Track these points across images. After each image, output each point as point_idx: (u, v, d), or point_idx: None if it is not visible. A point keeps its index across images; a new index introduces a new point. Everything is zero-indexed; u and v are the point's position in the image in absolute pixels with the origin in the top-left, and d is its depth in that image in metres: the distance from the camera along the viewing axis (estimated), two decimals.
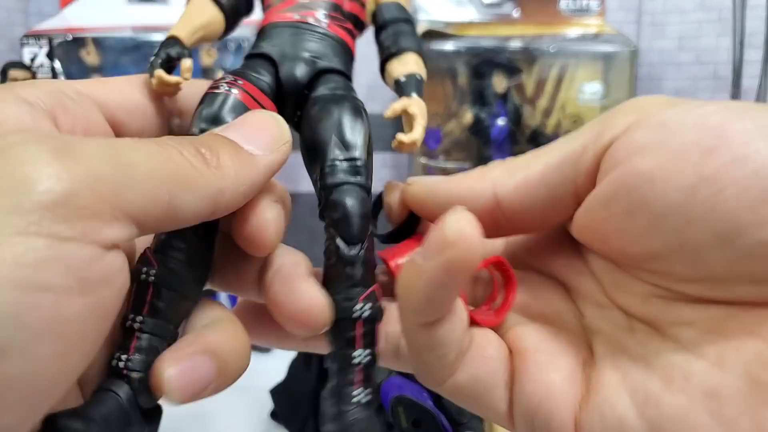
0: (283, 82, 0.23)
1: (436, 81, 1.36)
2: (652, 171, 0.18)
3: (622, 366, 0.20)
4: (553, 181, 0.20)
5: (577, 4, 1.41)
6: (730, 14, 1.41)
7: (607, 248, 0.21)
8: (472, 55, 1.33)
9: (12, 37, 1.30)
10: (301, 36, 0.23)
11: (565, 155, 0.20)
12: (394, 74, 0.25)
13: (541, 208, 0.21)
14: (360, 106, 0.24)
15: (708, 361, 0.18)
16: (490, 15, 1.40)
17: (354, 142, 0.22)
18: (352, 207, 0.21)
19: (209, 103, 0.21)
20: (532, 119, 1.34)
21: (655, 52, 1.44)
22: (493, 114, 1.32)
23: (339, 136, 0.22)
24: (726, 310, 0.18)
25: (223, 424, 0.88)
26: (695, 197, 0.17)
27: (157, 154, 0.17)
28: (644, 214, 0.18)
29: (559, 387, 0.20)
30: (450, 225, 0.17)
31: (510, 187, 0.21)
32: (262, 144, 0.20)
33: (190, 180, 0.17)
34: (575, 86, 1.36)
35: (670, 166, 0.17)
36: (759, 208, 0.16)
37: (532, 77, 1.37)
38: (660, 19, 1.43)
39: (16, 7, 1.34)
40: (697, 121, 0.18)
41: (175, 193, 0.17)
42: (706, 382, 0.18)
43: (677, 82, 1.43)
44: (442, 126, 1.33)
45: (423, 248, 0.18)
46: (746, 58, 1.39)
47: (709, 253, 0.17)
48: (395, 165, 1.42)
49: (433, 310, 0.19)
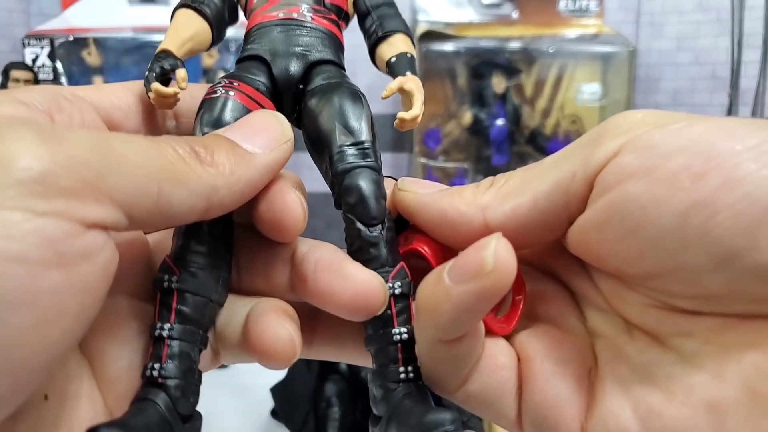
0: (277, 79, 0.24)
1: (436, 82, 1.36)
2: (644, 197, 0.18)
3: (623, 376, 0.20)
4: (545, 209, 0.20)
5: (576, 5, 1.41)
6: (728, 15, 1.41)
7: (602, 266, 0.21)
8: (472, 56, 1.33)
9: (14, 37, 1.30)
10: (289, 32, 0.24)
11: (554, 182, 0.20)
12: (385, 57, 0.25)
13: (532, 232, 0.21)
14: (357, 91, 0.23)
15: (708, 373, 0.18)
16: (490, 16, 1.40)
17: (358, 126, 0.22)
18: (366, 189, 0.21)
19: (209, 108, 0.22)
20: (531, 119, 1.35)
21: (653, 53, 1.44)
22: (492, 114, 1.33)
23: (342, 122, 0.22)
24: (725, 320, 0.18)
25: (224, 422, 0.88)
26: (689, 222, 0.17)
27: (148, 148, 0.17)
28: (638, 238, 0.18)
29: (566, 397, 0.21)
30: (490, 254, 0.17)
31: (500, 215, 0.21)
32: (261, 143, 0.20)
33: (181, 175, 0.17)
34: (574, 86, 1.37)
35: (662, 192, 0.17)
36: (753, 231, 0.16)
37: (531, 78, 1.37)
38: (659, 20, 1.44)
39: (18, 7, 1.34)
40: (686, 144, 0.18)
41: (166, 188, 0.17)
42: (707, 395, 0.18)
43: (675, 83, 1.43)
44: (442, 126, 1.33)
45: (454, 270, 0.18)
46: (744, 59, 1.39)
47: (706, 274, 0.17)
48: (395, 165, 1.42)
49: (457, 330, 0.19)
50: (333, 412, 0.81)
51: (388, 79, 0.26)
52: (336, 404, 0.82)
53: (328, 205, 0.31)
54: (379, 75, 0.27)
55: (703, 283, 0.18)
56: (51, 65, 1.20)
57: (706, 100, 1.36)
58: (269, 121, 0.21)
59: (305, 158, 0.25)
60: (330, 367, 0.90)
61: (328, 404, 0.82)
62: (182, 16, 0.25)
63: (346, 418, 0.81)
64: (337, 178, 0.22)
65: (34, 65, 1.18)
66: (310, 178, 0.24)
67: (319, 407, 0.83)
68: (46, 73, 1.20)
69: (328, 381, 0.86)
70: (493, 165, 1.36)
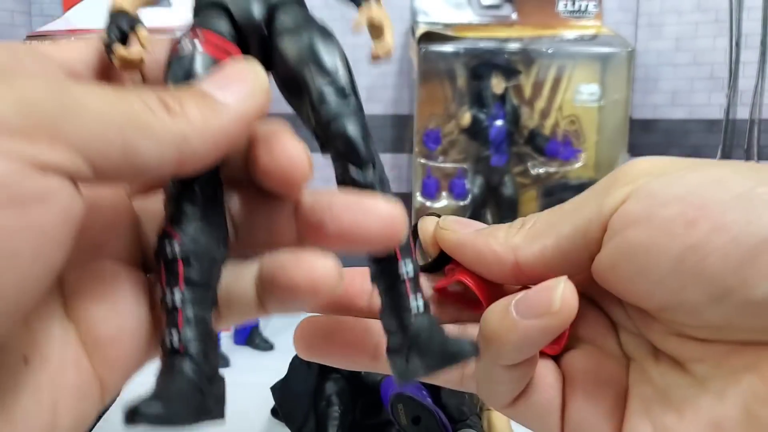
0: (240, 25, 0.23)
1: (435, 83, 1.37)
2: (645, 242, 0.20)
3: (647, 398, 0.22)
4: (568, 250, 0.22)
5: (575, 6, 1.42)
6: (726, 15, 1.42)
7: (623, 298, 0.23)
8: (471, 57, 1.34)
9: (15, 38, 1.31)
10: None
11: (575, 228, 0.22)
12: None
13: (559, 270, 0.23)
14: (326, 27, 0.23)
15: (713, 395, 0.20)
16: (489, 17, 1.41)
17: (333, 64, 0.22)
18: (353, 133, 0.21)
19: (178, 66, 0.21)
20: (530, 120, 1.35)
21: (652, 53, 1.45)
22: (491, 115, 1.33)
23: (316, 61, 0.22)
24: (730, 346, 0.20)
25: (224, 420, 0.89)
26: (684, 264, 0.19)
27: (111, 96, 0.17)
28: (644, 279, 0.20)
29: (602, 417, 0.23)
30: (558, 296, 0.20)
31: (530, 255, 0.23)
32: (235, 92, 0.19)
33: (148, 125, 0.17)
34: (572, 87, 1.37)
35: (661, 237, 0.19)
36: (742, 270, 0.18)
37: (530, 79, 1.38)
38: (657, 20, 1.44)
39: (19, 8, 1.35)
40: (680, 193, 0.20)
41: (131, 137, 0.16)
42: (710, 415, 0.20)
43: (674, 83, 1.44)
44: (442, 127, 1.33)
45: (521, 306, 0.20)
46: (743, 59, 1.40)
47: (705, 309, 0.19)
48: (395, 165, 1.43)
49: (519, 358, 0.21)
50: (333, 410, 0.81)
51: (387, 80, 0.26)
52: (336, 403, 0.82)
53: None
54: (380, 75, 0.28)
55: (705, 317, 0.20)
56: None
57: (704, 101, 1.37)
58: (243, 71, 0.20)
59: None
60: (330, 365, 0.91)
61: (328, 403, 0.82)
62: None
63: (346, 416, 0.81)
64: (321, 125, 0.22)
65: None
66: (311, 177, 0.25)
67: (319, 406, 0.83)
68: None
69: (328, 380, 0.86)
70: (492, 165, 1.37)
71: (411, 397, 0.71)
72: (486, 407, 0.93)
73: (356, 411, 0.80)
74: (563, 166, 1.39)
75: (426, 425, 0.71)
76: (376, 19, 0.24)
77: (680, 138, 1.44)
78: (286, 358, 0.84)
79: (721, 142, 1.40)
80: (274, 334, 1.33)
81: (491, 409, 0.91)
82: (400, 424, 0.71)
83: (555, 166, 1.41)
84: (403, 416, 0.71)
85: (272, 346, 1.24)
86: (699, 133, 1.43)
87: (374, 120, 1.59)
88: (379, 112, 1.46)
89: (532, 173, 1.42)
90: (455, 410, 0.81)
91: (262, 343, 1.23)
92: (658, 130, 1.45)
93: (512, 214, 1.39)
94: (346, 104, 0.21)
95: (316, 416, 0.81)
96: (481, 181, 1.37)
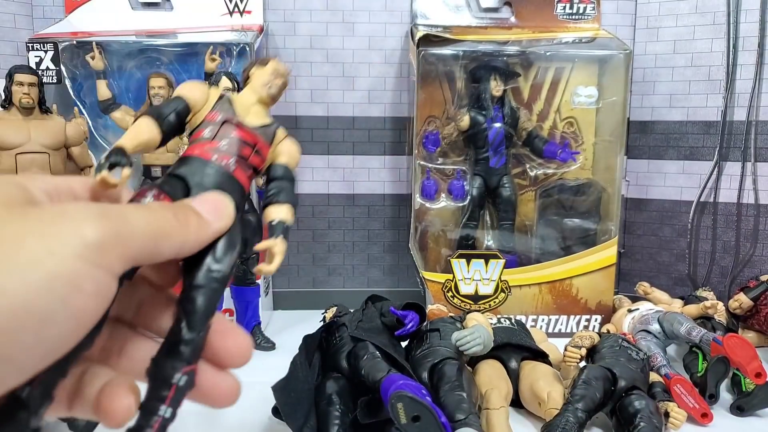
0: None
1: (434, 85, 1.38)
2: None
3: None
4: None
5: (573, 9, 1.43)
6: (724, 18, 1.43)
7: None
8: (470, 60, 1.35)
9: (18, 41, 1.32)
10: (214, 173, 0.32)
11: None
12: (270, 217, 0.36)
13: None
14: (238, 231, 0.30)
15: None
16: (487, 20, 1.42)
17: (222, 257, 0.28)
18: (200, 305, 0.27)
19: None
20: (528, 122, 1.36)
21: (649, 56, 1.46)
22: (489, 117, 1.34)
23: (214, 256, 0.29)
24: None
25: (225, 420, 0.89)
26: None
27: (148, 214, 0.25)
28: None
29: None
30: None
31: None
32: (214, 214, 0.28)
33: (170, 234, 0.25)
34: (570, 89, 1.38)
35: None
36: None
37: (528, 81, 1.39)
38: (655, 23, 1.45)
39: (22, 11, 1.36)
40: None
41: (159, 242, 0.24)
42: None
43: (671, 85, 1.45)
44: (441, 129, 1.34)
45: None
46: (740, 61, 1.41)
47: None
48: (395, 167, 1.44)
49: None
50: (334, 409, 0.82)
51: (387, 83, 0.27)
52: (337, 402, 0.83)
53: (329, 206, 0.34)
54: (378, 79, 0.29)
55: None
56: (55, 69, 1.21)
57: (701, 103, 1.38)
58: (220, 201, 0.29)
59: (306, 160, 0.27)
60: (331, 365, 0.91)
61: (329, 402, 0.83)
62: (144, 123, 0.34)
63: (346, 416, 0.82)
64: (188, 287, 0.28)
65: (38, 69, 1.19)
66: (308, 181, 0.26)
67: (320, 405, 0.83)
68: (49, 77, 1.21)
69: (329, 379, 0.86)
70: (491, 167, 1.38)
71: (411, 397, 0.71)
72: (485, 406, 0.94)
73: (357, 410, 0.81)
74: (561, 168, 1.40)
75: (425, 424, 0.72)
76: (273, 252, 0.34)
77: (677, 140, 1.45)
78: (288, 358, 0.84)
79: (717, 144, 1.41)
80: (275, 333, 1.34)
81: (490, 408, 0.92)
82: (399, 423, 0.71)
83: (553, 168, 1.42)
84: (402, 415, 0.71)
85: (274, 345, 1.25)
86: (696, 135, 1.44)
87: (374, 122, 1.53)
88: (379, 115, 1.47)
89: (531, 174, 1.43)
90: (454, 410, 0.81)
91: (264, 343, 1.24)
92: (655, 132, 1.46)
93: (511, 215, 1.41)
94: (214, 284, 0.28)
95: (317, 415, 0.82)
96: (479, 183, 1.38)
